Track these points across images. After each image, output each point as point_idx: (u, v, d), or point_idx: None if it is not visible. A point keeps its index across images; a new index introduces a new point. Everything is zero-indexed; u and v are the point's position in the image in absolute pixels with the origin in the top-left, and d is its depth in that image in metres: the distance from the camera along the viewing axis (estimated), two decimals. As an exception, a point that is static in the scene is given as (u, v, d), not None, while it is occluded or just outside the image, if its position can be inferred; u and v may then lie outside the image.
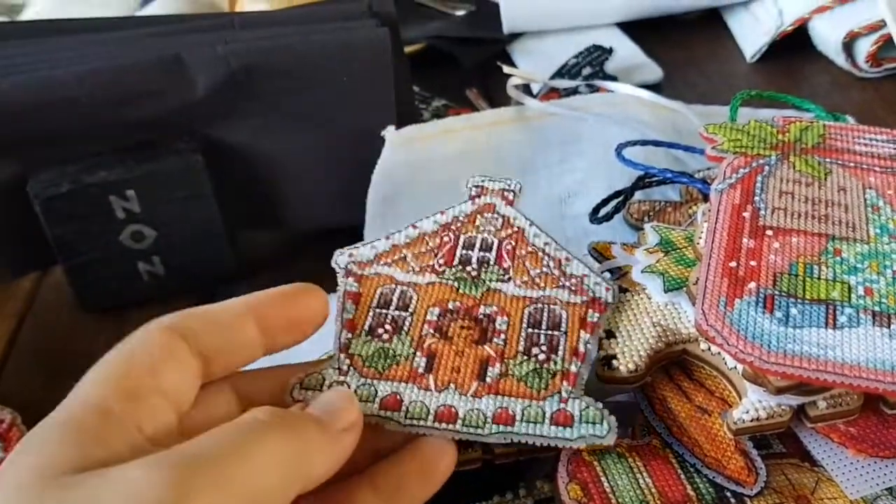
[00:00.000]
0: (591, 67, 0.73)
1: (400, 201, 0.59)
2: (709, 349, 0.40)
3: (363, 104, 0.56)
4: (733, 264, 0.38)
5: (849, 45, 0.72)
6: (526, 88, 0.73)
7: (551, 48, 0.81)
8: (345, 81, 0.53)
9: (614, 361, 0.39)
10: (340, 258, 0.42)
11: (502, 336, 0.39)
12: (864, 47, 0.71)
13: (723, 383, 0.39)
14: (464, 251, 0.42)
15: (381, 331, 0.39)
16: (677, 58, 0.79)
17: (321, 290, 0.37)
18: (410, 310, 0.40)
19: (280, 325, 0.36)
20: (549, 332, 0.39)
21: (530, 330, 0.39)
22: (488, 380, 0.37)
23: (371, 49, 0.53)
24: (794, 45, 0.76)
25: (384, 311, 0.40)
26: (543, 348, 0.39)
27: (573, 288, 0.41)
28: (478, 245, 0.42)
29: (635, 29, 0.82)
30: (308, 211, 0.60)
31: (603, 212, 0.55)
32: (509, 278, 0.41)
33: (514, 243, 0.43)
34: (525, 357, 0.38)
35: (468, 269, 0.41)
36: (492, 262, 0.42)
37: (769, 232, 0.40)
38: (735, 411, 0.37)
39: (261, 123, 0.54)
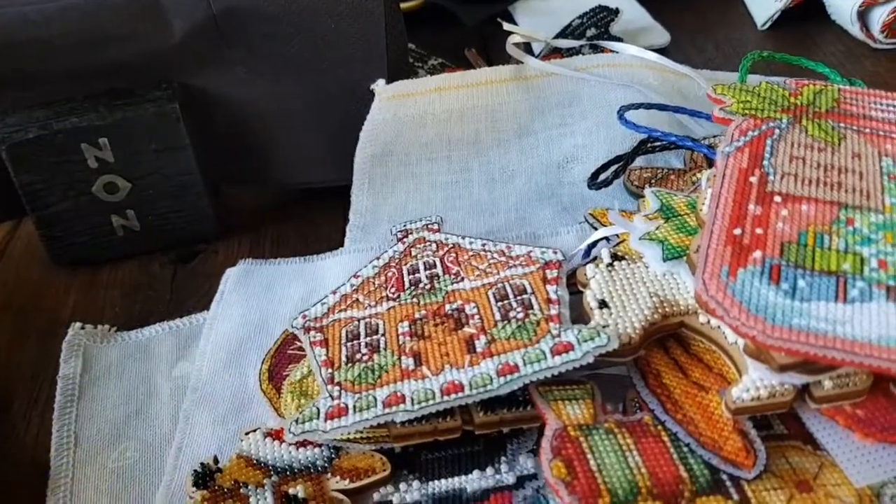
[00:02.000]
0: (595, 28, 0.70)
1: (388, 161, 0.56)
2: (708, 322, 0.37)
3: (352, 54, 0.53)
4: (738, 231, 0.36)
5: (864, 13, 0.69)
6: (527, 48, 0.69)
7: (556, 8, 0.77)
8: (333, 28, 0.50)
9: (609, 330, 0.37)
10: (296, 322, 0.42)
11: (476, 317, 0.39)
12: (880, 16, 0.68)
13: (722, 359, 0.37)
14: (411, 276, 0.44)
15: (359, 356, 0.39)
16: (686, 22, 0.76)
17: None
18: (381, 332, 0.40)
19: None
20: (519, 298, 0.40)
21: (500, 303, 0.40)
22: (479, 350, 0.37)
23: (362, 8, 0.50)
24: (807, 14, 0.73)
25: (356, 341, 0.40)
26: (518, 310, 0.39)
27: (523, 263, 0.42)
28: (422, 267, 0.44)
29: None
30: (294, 168, 0.57)
31: (602, 177, 0.52)
32: (462, 278, 0.42)
33: (454, 255, 0.45)
34: (505, 322, 0.39)
35: (421, 286, 0.43)
36: (441, 274, 0.43)
37: (777, 198, 0.37)
38: (734, 389, 0.34)
39: (243, 72, 0.51)
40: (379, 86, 0.55)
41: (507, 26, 0.63)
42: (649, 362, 0.37)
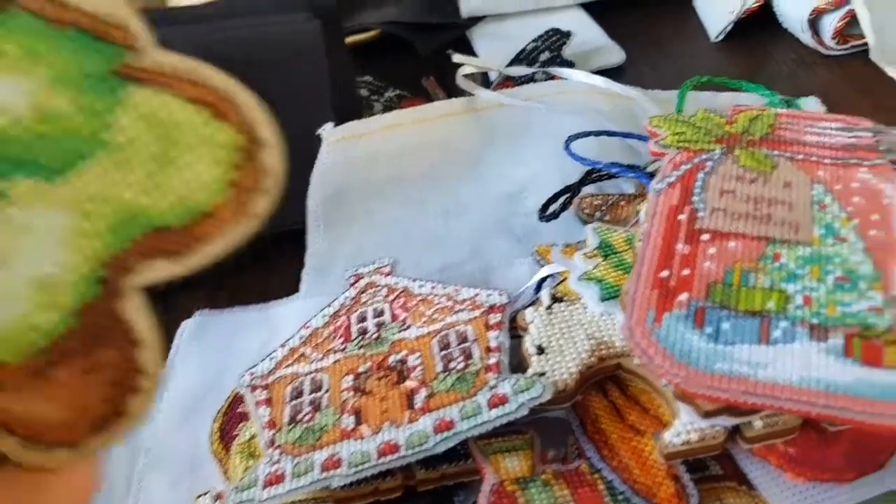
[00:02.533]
0: (549, 52, 0.70)
1: (342, 202, 0.56)
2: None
3: (297, 101, 0.53)
4: (665, 273, 0.36)
5: (814, 21, 0.69)
6: (485, 76, 0.70)
7: (513, 31, 0.77)
8: (275, 76, 0.51)
9: (545, 378, 0.37)
10: (242, 380, 0.42)
11: (419, 369, 0.39)
12: (831, 23, 0.68)
13: (658, 400, 0.37)
14: (359, 325, 0.43)
15: (300, 416, 0.39)
16: (641, 37, 0.76)
17: None
18: (325, 388, 0.40)
19: None
20: (461, 346, 0.40)
21: (443, 353, 0.40)
22: (418, 405, 0.38)
23: (302, 43, 0.50)
24: (761, 24, 0.73)
25: (298, 400, 0.40)
26: (459, 360, 0.39)
27: (469, 307, 0.42)
28: (370, 315, 0.44)
29: (599, 8, 0.79)
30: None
31: (551, 209, 0.52)
32: (409, 326, 0.42)
33: (403, 300, 0.44)
34: (445, 374, 0.39)
35: (368, 335, 0.42)
36: (388, 321, 0.43)
37: (705, 236, 0.37)
38: (666, 434, 0.34)
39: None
40: (326, 130, 0.55)
41: (457, 58, 0.64)
42: (587, 407, 0.38)
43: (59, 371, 0.22)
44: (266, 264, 0.57)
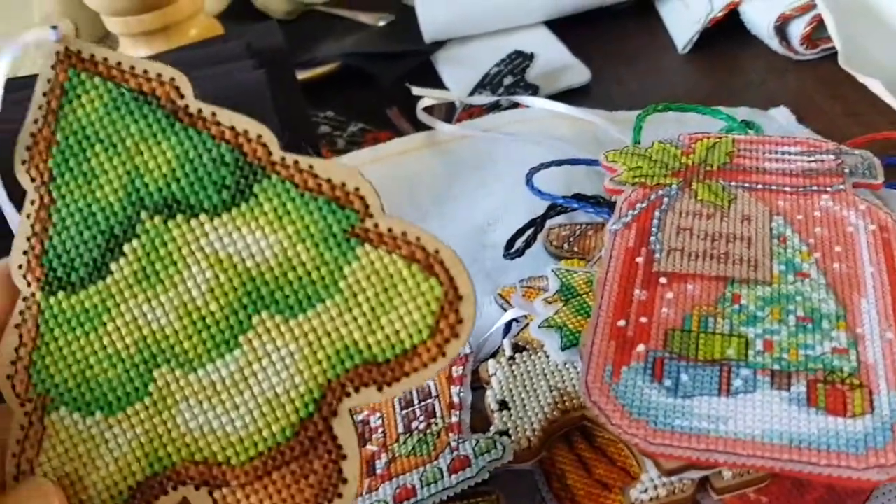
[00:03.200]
0: (512, 76, 0.69)
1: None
2: (608, 414, 0.36)
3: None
4: (622, 323, 0.35)
5: (781, 28, 0.68)
6: (451, 104, 0.69)
7: (478, 54, 0.76)
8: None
9: (505, 438, 0.36)
10: None
11: (380, 430, 0.39)
12: (798, 29, 0.67)
13: (625, 451, 0.36)
14: None
15: None
16: (608, 53, 0.75)
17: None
18: None
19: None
20: (423, 404, 0.39)
21: (405, 411, 0.39)
22: (379, 471, 0.37)
23: (247, 94, 0.49)
24: (728, 33, 0.72)
25: None
26: (421, 419, 0.38)
27: None
28: None
29: (564, 26, 0.78)
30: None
31: (516, 245, 0.51)
32: None
33: None
34: (407, 435, 0.38)
35: None
36: None
37: (663, 280, 0.36)
38: (633, 490, 0.33)
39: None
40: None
41: (416, 91, 0.62)
42: (554, 462, 0.37)
43: (275, 474, 0.26)
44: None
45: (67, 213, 0.28)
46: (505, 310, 0.45)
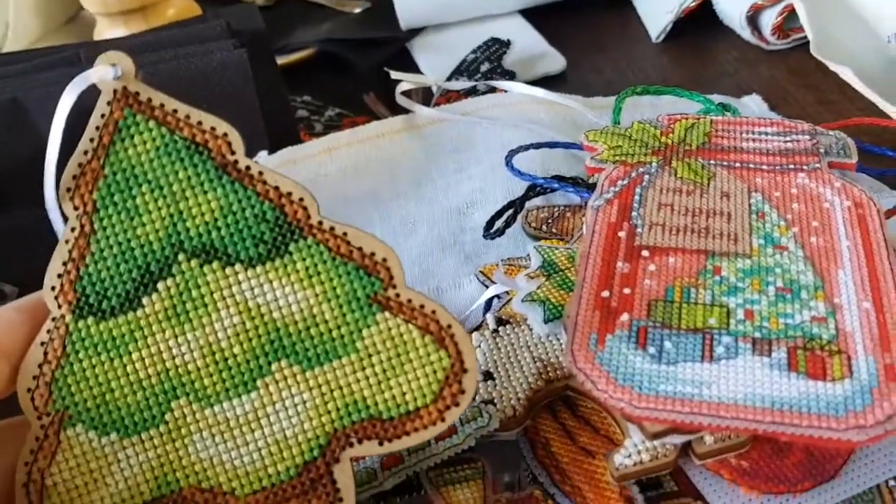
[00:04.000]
0: (489, 63, 0.69)
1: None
2: (591, 384, 0.37)
3: (231, 132, 0.52)
4: (606, 294, 0.35)
5: (753, 18, 0.69)
6: (426, 89, 0.69)
7: (454, 41, 0.77)
8: (206, 110, 0.49)
9: (491, 407, 0.36)
10: None
11: None
12: (769, 19, 0.68)
13: (608, 419, 0.37)
14: None
15: None
16: (583, 42, 0.75)
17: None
18: None
19: (24, 347, 0.30)
20: None
21: None
22: None
23: (228, 74, 0.49)
24: (701, 22, 0.73)
25: None
26: None
27: None
28: None
29: (540, 15, 0.79)
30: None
31: (496, 226, 0.52)
32: None
33: None
34: None
35: None
36: None
37: (645, 253, 0.37)
38: (616, 456, 0.34)
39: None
40: (261, 157, 0.54)
41: (395, 75, 0.63)
42: (538, 430, 0.37)
43: (307, 492, 0.29)
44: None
45: (106, 244, 0.30)
46: (486, 286, 0.46)
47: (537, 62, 0.71)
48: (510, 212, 0.51)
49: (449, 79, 0.68)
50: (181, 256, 0.29)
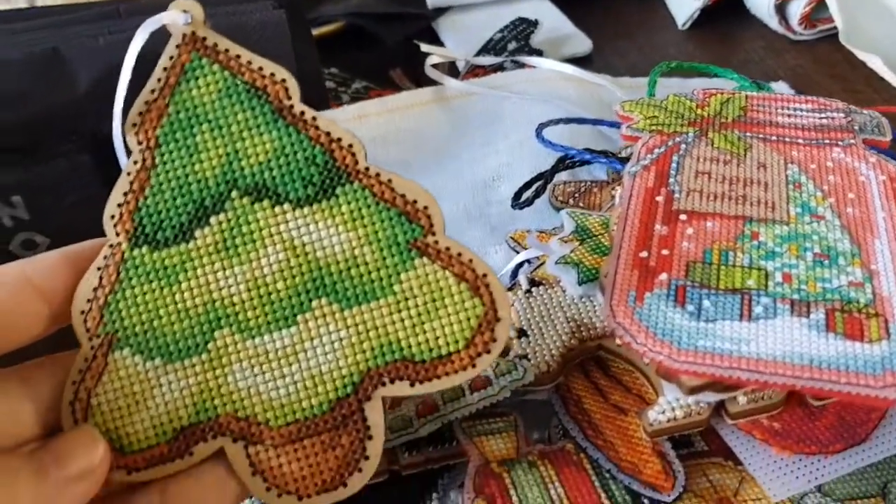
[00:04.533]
0: (516, 42, 0.69)
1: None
2: (624, 344, 0.37)
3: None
4: (644, 254, 0.36)
5: (781, 7, 0.69)
6: (452, 66, 0.69)
7: (479, 22, 0.77)
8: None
9: (525, 361, 0.37)
10: None
11: None
12: (797, 9, 0.68)
13: (640, 379, 0.37)
14: None
15: None
16: (608, 27, 0.76)
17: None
18: None
19: (65, 291, 0.30)
20: None
21: None
22: None
23: (267, 33, 0.49)
24: (728, 10, 0.74)
25: None
26: None
27: None
28: None
29: (565, -2, 0.79)
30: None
31: (524, 196, 0.52)
32: None
33: None
34: None
35: None
36: None
37: (683, 217, 0.37)
38: (650, 411, 0.34)
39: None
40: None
41: (425, 47, 0.63)
42: (570, 388, 0.38)
43: (306, 441, 0.29)
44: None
45: (165, 178, 0.31)
46: (516, 252, 0.46)
47: (563, 44, 0.72)
48: (539, 183, 0.51)
49: (476, 56, 0.69)
50: (234, 193, 0.31)
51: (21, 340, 0.30)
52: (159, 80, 0.31)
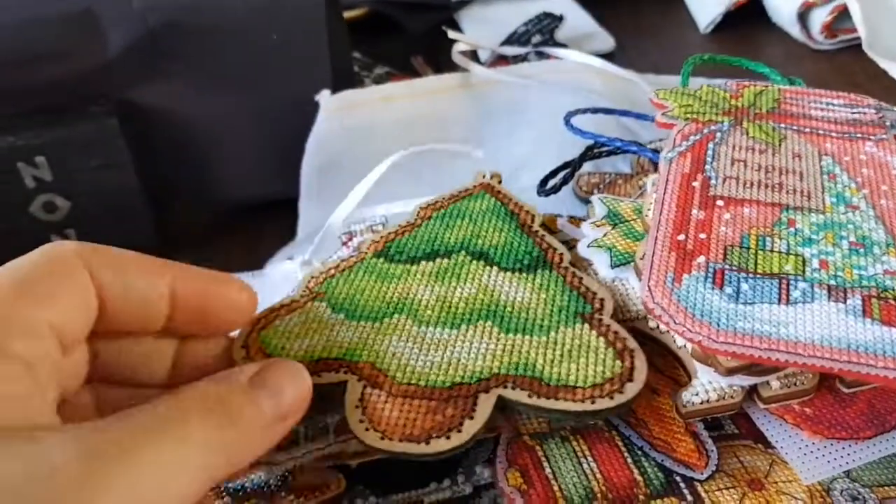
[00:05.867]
0: (540, 35, 0.70)
1: (336, 172, 0.55)
2: (657, 327, 0.37)
3: (295, 65, 0.52)
4: (682, 237, 0.36)
5: (804, 15, 0.70)
6: (473, 56, 0.70)
7: (500, 16, 0.77)
8: (275, 40, 0.50)
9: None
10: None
11: None
12: (820, 18, 0.69)
13: (673, 362, 0.37)
14: None
15: None
16: (629, 27, 0.76)
17: (253, 294, 0.33)
18: None
19: (193, 307, 0.31)
20: None
21: None
22: None
23: (303, 15, 0.49)
24: (750, 16, 0.74)
25: None
26: None
27: None
28: None
29: (587, -2, 0.80)
30: (239, 182, 0.56)
31: (550, 184, 0.52)
32: None
33: None
34: None
35: None
36: None
37: (720, 202, 0.37)
38: (684, 393, 0.34)
39: (183, 86, 0.50)
40: (324, 97, 0.54)
41: (452, 34, 0.63)
42: (600, 368, 0.37)
43: (416, 402, 0.32)
44: (256, 233, 0.57)
45: (422, 233, 0.40)
46: (545, 235, 0.46)
47: (586, 40, 0.72)
48: (567, 171, 0.51)
49: (502, 46, 0.69)
50: (462, 252, 0.39)
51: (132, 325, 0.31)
52: (452, 195, 0.43)
